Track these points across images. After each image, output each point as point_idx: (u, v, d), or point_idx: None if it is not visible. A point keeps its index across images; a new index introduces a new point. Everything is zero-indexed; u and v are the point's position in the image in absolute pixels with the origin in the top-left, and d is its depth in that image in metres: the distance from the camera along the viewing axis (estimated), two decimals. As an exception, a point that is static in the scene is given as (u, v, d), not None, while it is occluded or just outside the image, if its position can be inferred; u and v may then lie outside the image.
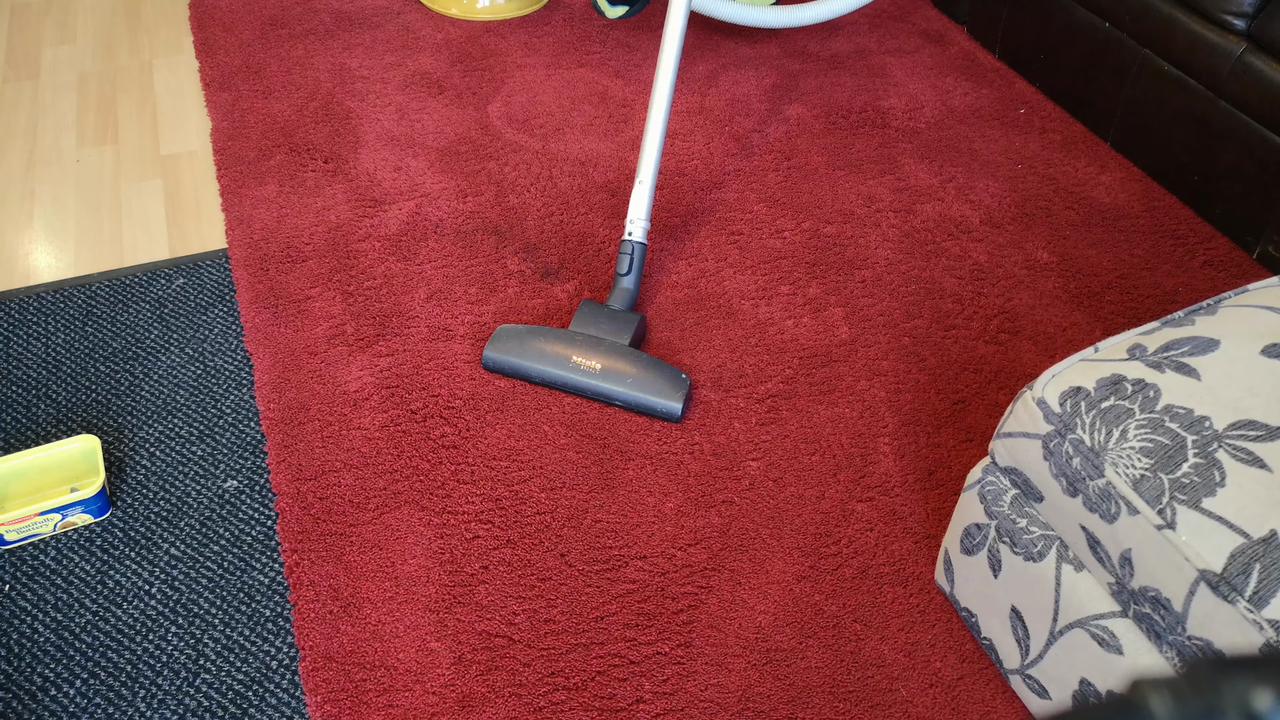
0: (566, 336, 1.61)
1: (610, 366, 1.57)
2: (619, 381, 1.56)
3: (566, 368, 1.57)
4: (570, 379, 1.57)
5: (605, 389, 1.56)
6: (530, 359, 1.59)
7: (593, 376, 1.56)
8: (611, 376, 1.56)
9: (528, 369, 1.59)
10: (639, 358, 1.58)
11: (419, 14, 2.46)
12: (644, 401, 1.55)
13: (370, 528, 1.42)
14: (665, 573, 1.39)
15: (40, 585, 1.36)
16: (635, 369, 1.57)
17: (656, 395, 1.55)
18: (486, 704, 1.25)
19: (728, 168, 2.05)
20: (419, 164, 2.02)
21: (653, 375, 1.56)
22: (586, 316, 1.65)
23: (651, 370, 1.57)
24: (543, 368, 1.58)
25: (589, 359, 1.58)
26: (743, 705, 1.26)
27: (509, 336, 1.61)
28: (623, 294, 1.68)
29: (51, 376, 1.61)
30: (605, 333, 1.62)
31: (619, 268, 1.68)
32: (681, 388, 1.56)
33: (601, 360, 1.57)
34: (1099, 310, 1.78)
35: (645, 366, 1.57)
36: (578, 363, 1.57)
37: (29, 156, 2.05)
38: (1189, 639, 0.96)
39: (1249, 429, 0.98)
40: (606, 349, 1.59)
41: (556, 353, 1.59)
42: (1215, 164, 1.90)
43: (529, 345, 1.60)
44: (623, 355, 1.59)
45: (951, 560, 1.31)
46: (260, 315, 1.71)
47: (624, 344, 1.60)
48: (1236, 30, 1.82)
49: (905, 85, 2.29)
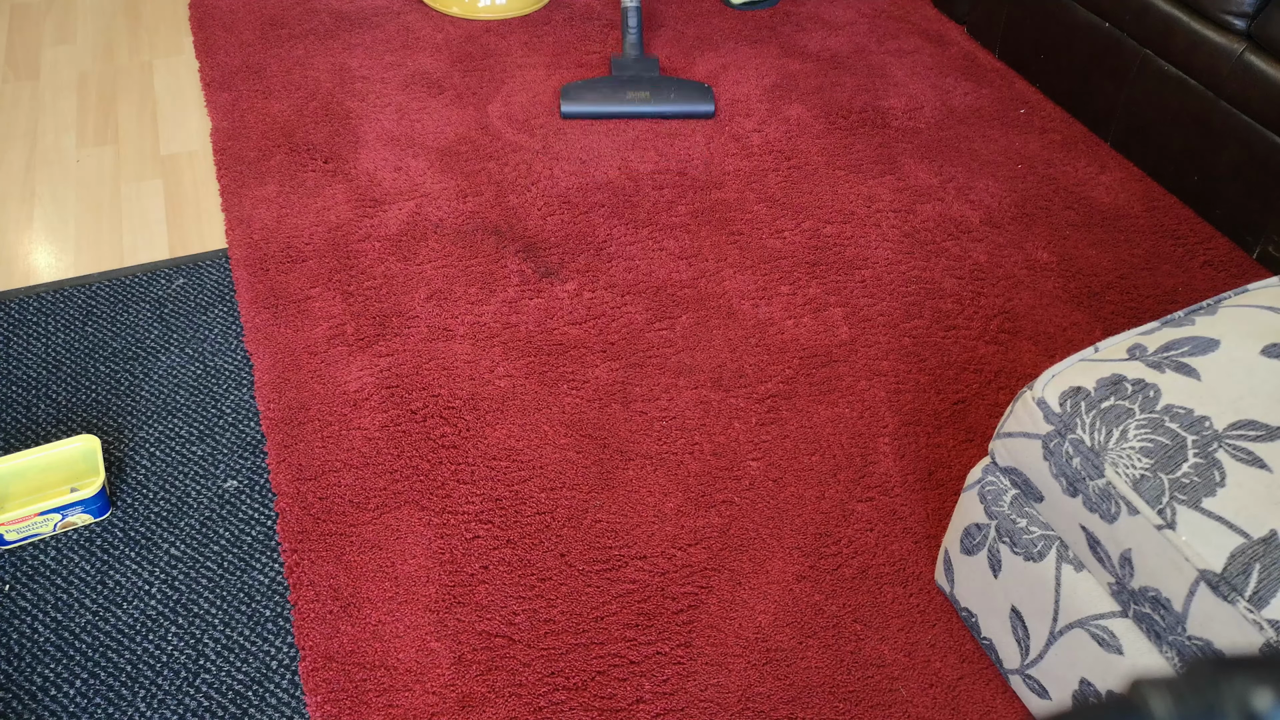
0: (618, 82, 2.18)
1: (655, 94, 2.16)
2: (665, 103, 2.15)
3: (626, 101, 2.14)
4: (629, 110, 2.15)
5: (657, 110, 2.15)
6: (599, 104, 2.15)
7: (647, 103, 2.15)
8: (660, 100, 2.15)
9: (598, 111, 2.15)
10: (671, 82, 2.18)
11: (419, 14, 2.46)
12: (687, 111, 2.15)
13: (370, 528, 1.42)
14: (665, 573, 1.39)
15: (40, 585, 1.36)
16: (673, 91, 2.17)
17: (694, 104, 2.16)
18: (486, 704, 1.25)
19: (728, 168, 2.05)
20: (419, 164, 2.02)
21: (686, 91, 2.17)
22: (623, 65, 2.23)
23: (684, 88, 2.17)
24: (609, 107, 2.15)
25: (639, 92, 2.16)
26: (743, 705, 1.26)
27: (577, 92, 2.16)
28: (637, 45, 2.25)
29: (51, 376, 1.61)
30: (642, 70, 2.22)
31: (630, 23, 2.22)
32: (709, 95, 2.16)
33: (647, 90, 2.16)
34: (1099, 310, 1.78)
35: (679, 87, 2.18)
36: (632, 97, 2.15)
37: (29, 156, 2.05)
38: (1189, 639, 0.96)
39: (1249, 429, 0.98)
40: (648, 84, 2.17)
41: (616, 94, 2.16)
42: (1215, 164, 1.90)
43: (596, 93, 2.16)
44: (660, 85, 2.17)
45: (951, 560, 1.31)
46: (260, 315, 1.71)
47: (657, 75, 2.21)
48: (1236, 30, 1.82)
49: (905, 85, 2.29)
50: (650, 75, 2.19)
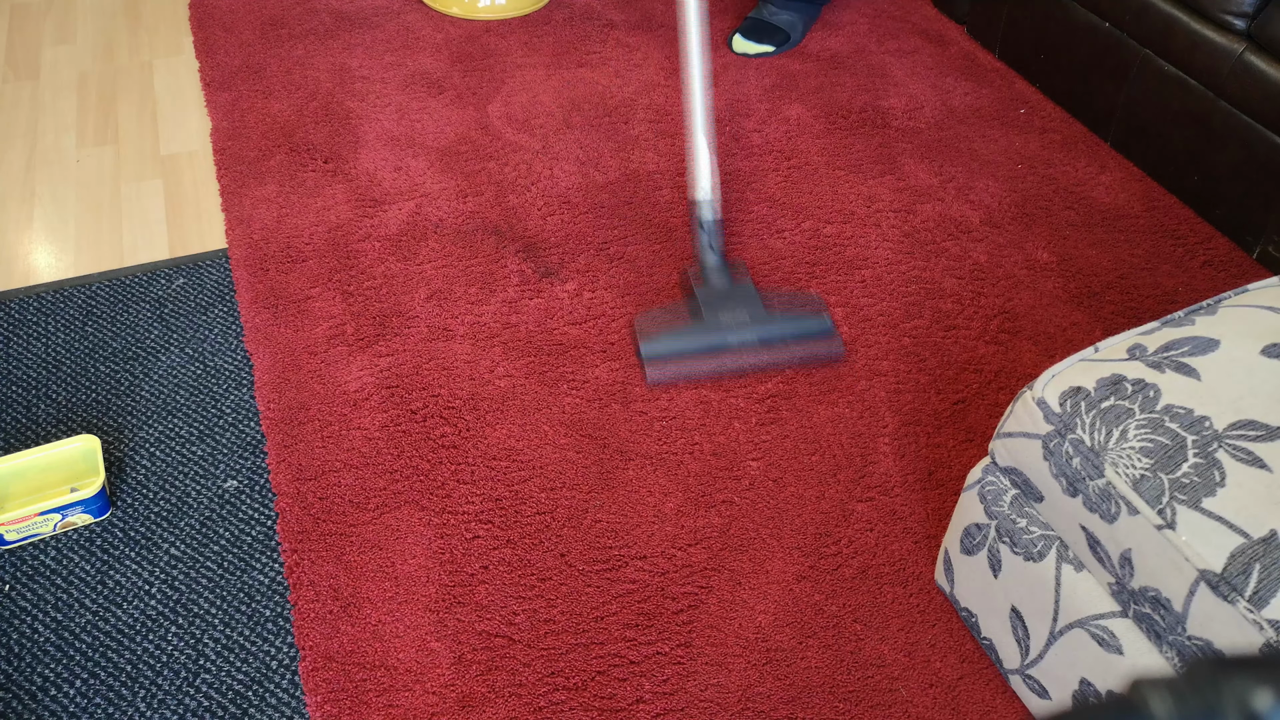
0: (711, 324, 1.63)
1: (763, 334, 1.63)
2: (780, 349, 1.63)
3: (727, 352, 1.62)
4: (738, 364, 1.63)
5: (772, 361, 1.63)
6: (694, 362, 1.62)
7: (757, 352, 1.62)
8: (772, 347, 1.63)
9: (695, 371, 1.62)
10: (780, 317, 1.66)
11: (419, 14, 2.46)
12: (811, 355, 1.64)
13: (370, 528, 1.42)
14: (665, 573, 1.39)
15: (40, 585, 1.36)
16: (787, 330, 1.64)
17: (818, 346, 1.64)
18: (486, 704, 1.25)
19: (728, 168, 2.05)
20: (419, 164, 2.02)
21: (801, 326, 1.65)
22: (710, 293, 1.66)
23: (796, 322, 1.65)
24: (708, 364, 1.62)
25: (741, 334, 1.62)
26: (743, 705, 1.26)
27: (659, 343, 1.62)
28: (720, 266, 1.70)
29: (51, 376, 1.61)
30: (738, 299, 1.65)
31: (712, 245, 1.70)
32: (830, 327, 1.65)
33: (753, 333, 1.63)
34: (1099, 310, 1.78)
35: (791, 321, 1.65)
36: (735, 343, 1.62)
37: (29, 156, 2.05)
38: (1189, 639, 0.96)
39: (1249, 429, 0.98)
40: (749, 317, 1.63)
41: (712, 342, 1.62)
42: (1215, 164, 1.90)
43: (684, 341, 1.63)
44: (767, 322, 1.64)
45: (951, 560, 1.31)
46: (260, 315, 1.71)
47: (759, 306, 1.65)
48: (1236, 30, 1.82)
49: (905, 85, 2.29)
50: (749, 305, 1.65)
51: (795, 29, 2.38)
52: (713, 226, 1.69)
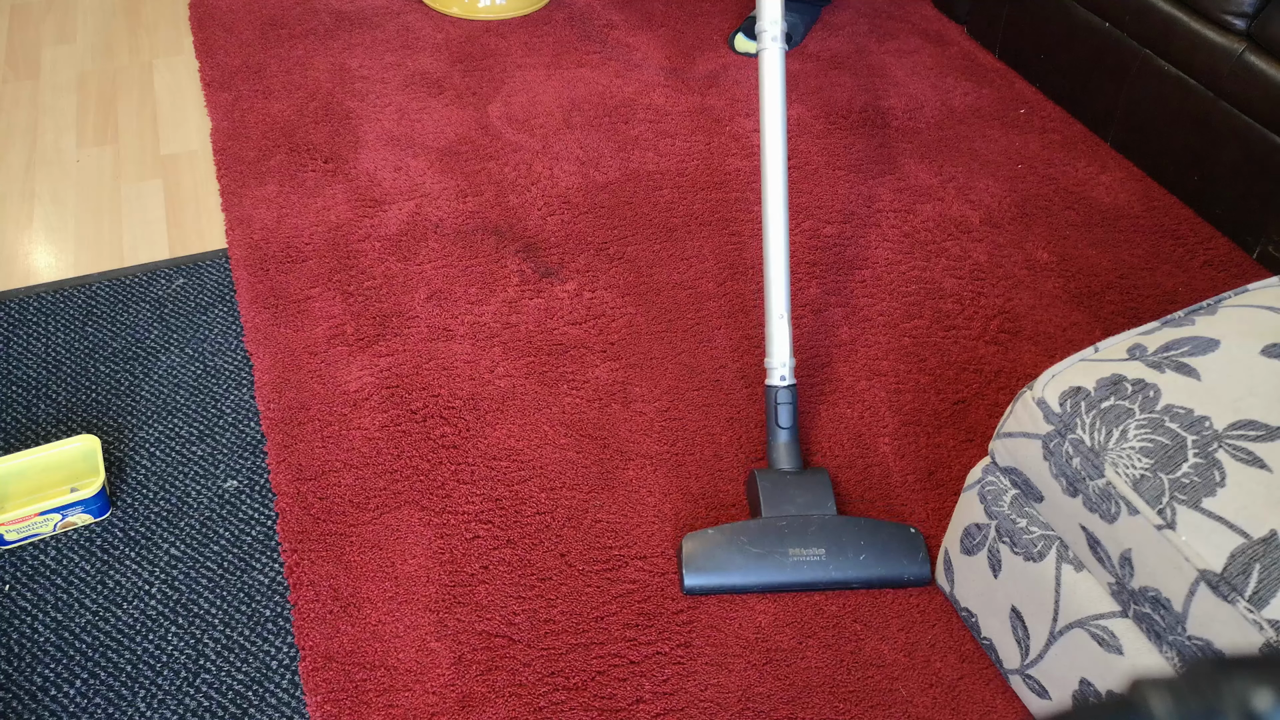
0: (772, 533, 1.35)
1: (835, 550, 1.35)
2: (852, 566, 1.34)
3: (789, 568, 1.34)
4: (798, 579, 1.35)
5: (841, 578, 1.35)
6: (743, 575, 1.35)
7: (822, 568, 1.34)
8: (842, 564, 1.34)
9: (744, 585, 1.35)
10: (859, 527, 1.37)
11: (419, 14, 2.46)
12: (888, 579, 1.35)
13: (370, 528, 1.42)
14: (665, 573, 1.39)
15: (40, 585, 1.36)
16: (863, 543, 1.35)
17: (900, 567, 1.35)
18: (486, 704, 1.25)
19: (728, 168, 2.05)
20: (419, 164, 2.02)
21: (881, 547, 1.35)
22: (776, 495, 1.38)
23: (878, 540, 1.36)
24: (762, 580, 1.35)
25: (807, 549, 1.34)
26: (743, 705, 1.26)
27: (710, 557, 1.35)
28: (791, 449, 1.44)
29: (51, 376, 1.61)
30: (806, 502, 1.38)
31: (779, 420, 1.44)
32: (919, 547, 1.36)
33: (821, 545, 1.35)
34: (1099, 310, 1.78)
35: (871, 535, 1.36)
36: (797, 557, 1.34)
37: (29, 156, 2.05)
38: (1189, 639, 0.96)
39: (1249, 429, 0.98)
40: (819, 530, 1.36)
41: (772, 555, 1.34)
42: (1215, 164, 1.90)
43: (741, 556, 1.35)
44: (839, 531, 1.36)
45: (951, 560, 1.30)
46: (260, 315, 1.71)
47: (833, 509, 1.38)
48: (1236, 30, 1.82)
49: (905, 85, 2.29)
50: (822, 514, 1.37)
51: (796, 30, 2.38)
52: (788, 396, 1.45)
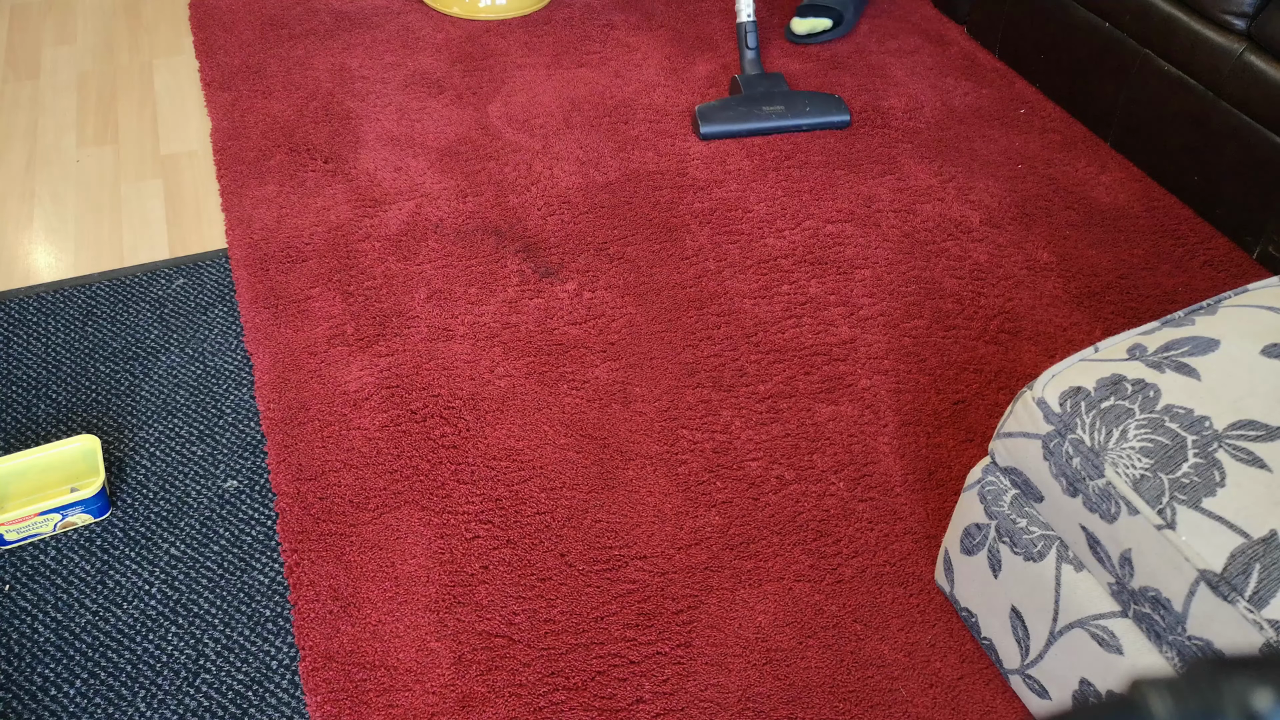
0: (750, 99, 2.14)
1: (790, 108, 2.13)
2: (801, 115, 2.12)
3: (763, 117, 2.12)
4: (768, 125, 2.12)
5: (795, 124, 2.12)
6: (737, 122, 2.11)
7: (783, 117, 2.12)
8: (795, 114, 2.12)
9: (737, 129, 2.11)
10: (803, 96, 2.15)
11: (419, 14, 2.46)
12: (823, 122, 2.13)
13: (370, 528, 1.42)
14: (665, 573, 1.39)
15: (40, 585, 1.36)
16: (807, 104, 2.13)
17: (830, 115, 2.13)
18: (486, 704, 1.25)
19: (728, 167, 2.05)
20: (419, 164, 2.02)
21: (820, 103, 2.14)
22: (750, 82, 2.17)
23: (817, 100, 2.14)
24: (747, 124, 2.11)
25: (773, 107, 2.13)
26: (743, 705, 1.26)
27: (713, 112, 2.11)
28: (757, 62, 2.22)
29: (51, 376, 1.61)
30: (771, 87, 2.17)
31: (749, 43, 2.19)
32: (843, 105, 2.15)
33: (781, 105, 2.13)
34: (1099, 310, 1.78)
35: (811, 100, 2.14)
36: (768, 112, 2.12)
37: (29, 156, 2.05)
38: (1189, 639, 0.96)
39: (1249, 429, 0.98)
40: (780, 99, 2.14)
41: (752, 111, 2.12)
42: (1215, 164, 1.90)
43: (732, 112, 2.12)
44: (793, 99, 2.14)
45: (951, 560, 1.31)
46: (260, 315, 1.71)
47: (787, 90, 2.16)
48: (1236, 30, 1.82)
49: (905, 85, 2.29)
50: (780, 90, 2.15)
51: (847, 8, 2.41)
52: (750, 27, 2.19)
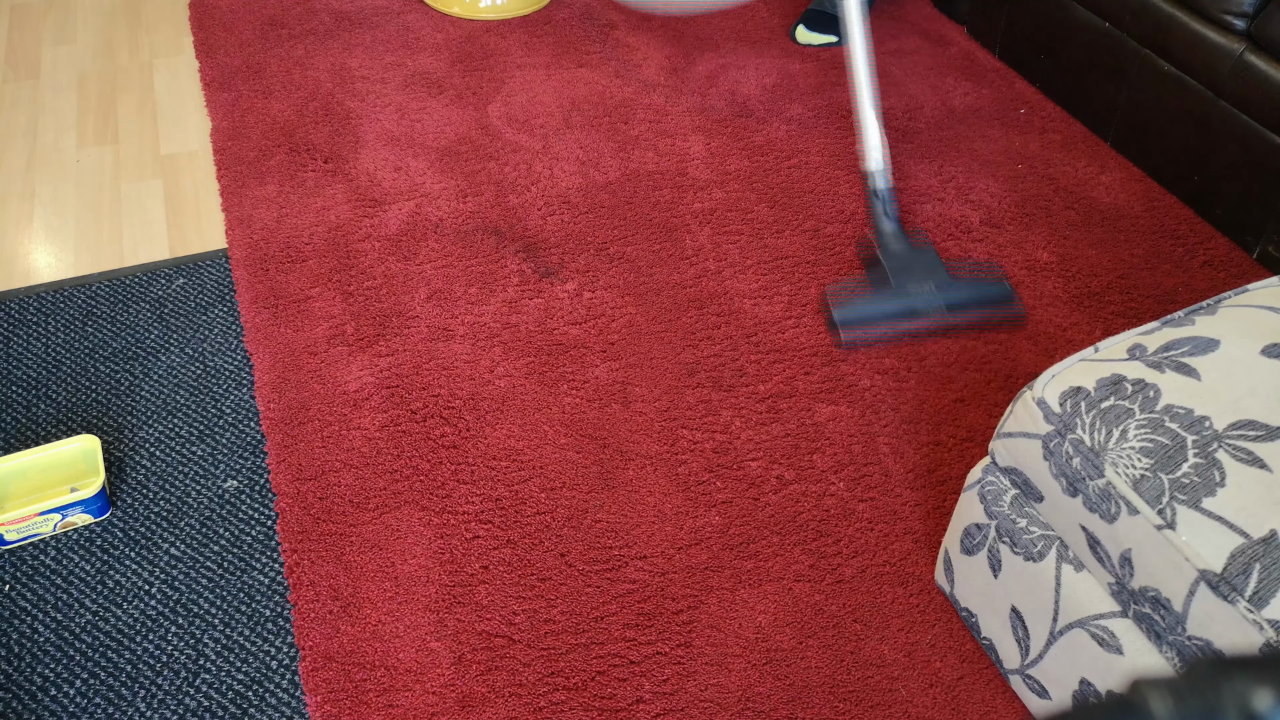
0: (901, 296, 1.71)
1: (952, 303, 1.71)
2: (968, 318, 1.73)
3: (922, 322, 1.72)
4: (927, 329, 1.73)
5: (963, 323, 1.73)
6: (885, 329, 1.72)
7: (946, 318, 1.72)
8: (960, 317, 1.73)
9: (886, 337, 1.73)
10: (967, 285, 1.75)
11: (419, 14, 2.46)
12: (994, 320, 1.74)
13: (370, 528, 1.42)
14: (665, 573, 1.39)
15: (40, 585, 1.36)
16: (970, 298, 1.73)
17: (1001, 310, 1.74)
18: (486, 704, 1.25)
19: (728, 168, 2.05)
20: (419, 164, 2.02)
21: (985, 294, 1.74)
22: (896, 259, 1.73)
23: (981, 291, 1.74)
24: (902, 331, 1.72)
25: (929, 303, 1.71)
26: (743, 705, 1.26)
27: (852, 313, 1.71)
28: (898, 231, 1.78)
29: (51, 376, 1.61)
30: (923, 269, 1.73)
31: (889, 212, 1.78)
32: (1010, 293, 1.74)
33: (941, 300, 1.71)
34: (1099, 310, 1.78)
35: (975, 290, 1.74)
36: (925, 312, 1.71)
37: (29, 156, 2.05)
38: (1189, 639, 0.96)
39: (1249, 429, 0.98)
40: (937, 287, 1.71)
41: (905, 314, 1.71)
42: (1215, 164, 1.90)
43: (877, 309, 1.72)
44: (952, 289, 1.72)
45: (951, 560, 1.31)
46: (260, 315, 1.71)
47: (944, 275, 1.73)
48: (1236, 30, 1.82)
49: (905, 85, 2.29)
50: (934, 271, 1.71)
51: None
52: (887, 195, 1.77)
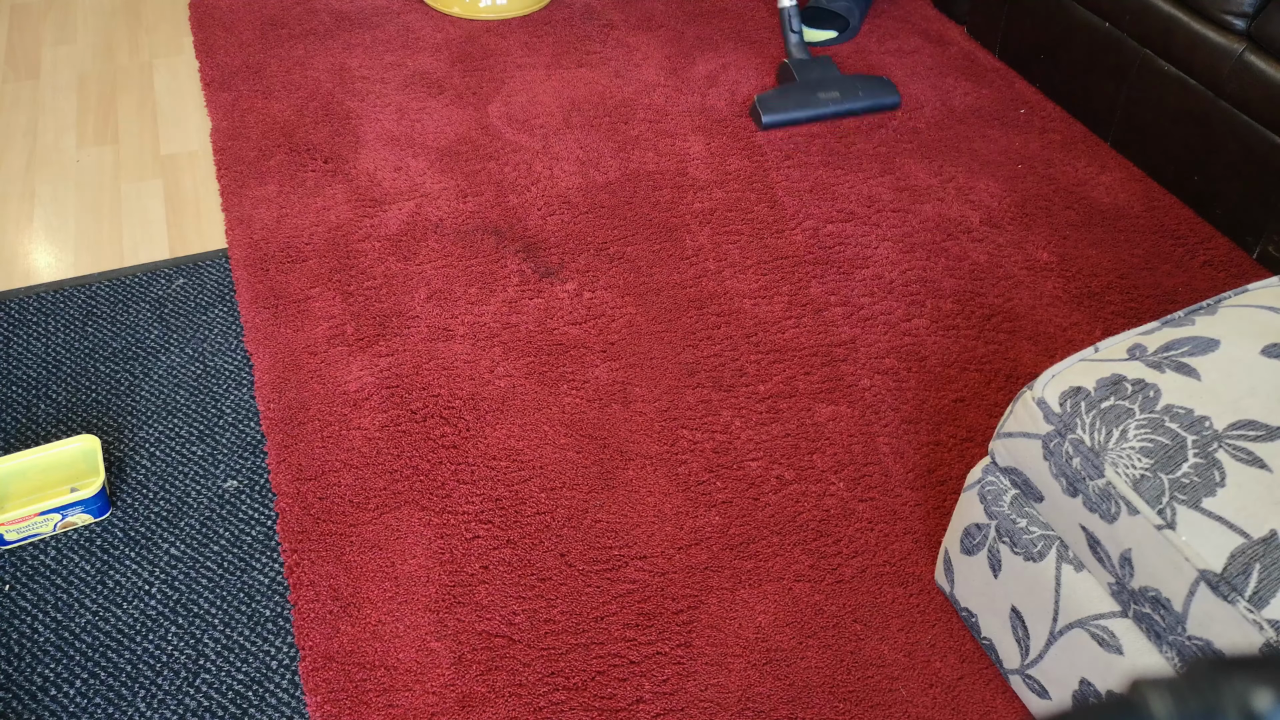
0: (806, 86, 2.17)
1: (844, 93, 2.17)
2: (855, 100, 2.17)
3: (820, 104, 2.15)
4: (826, 111, 2.15)
5: (850, 108, 2.16)
6: (797, 109, 2.14)
7: (839, 103, 2.16)
8: (850, 99, 2.17)
9: (797, 117, 2.14)
10: (855, 79, 2.19)
11: (419, 14, 2.46)
12: (876, 105, 2.18)
13: (370, 528, 1.42)
14: (665, 573, 1.39)
15: (40, 585, 1.36)
16: (859, 88, 2.18)
17: (881, 98, 2.18)
18: (486, 704, 1.25)
19: (728, 168, 2.05)
20: (419, 164, 2.02)
21: (871, 87, 2.18)
22: (804, 67, 2.20)
23: (869, 83, 2.19)
24: (806, 111, 2.14)
25: (828, 93, 2.16)
26: (743, 705, 1.26)
27: (772, 101, 2.13)
28: (802, 46, 2.24)
29: (51, 376, 1.61)
30: (824, 72, 2.20)
31: (794, 27, 2.22)
32: (893, 87, 2.20)
33: (836, 90, 2.16)
34: (1099, 310, 1.78)
35: (864, 84, 2.18)
36: (824, 99, 2.15)
37: (29, 156, 2.05)
38: (1189, 639, 0.96)
39: (1249, 429, 0.98)
40: (834, 84, 2.17)
41: (810, 98, 2.15)
42: (1215, 164, 1.90)
43: (790, 100, 2.14)
44: (845, 84, 2.18)
45: (951, 560, 1.31)
46: (260, 315, 1.71)
47: (839, 75, 2.20)
48: (1236, 30, 1.82)
49: (905, 85, 2.29)
50: (833, 75, 2.18)
51: (853, 15, 2.42)
52: (791, 11, 2.21)
